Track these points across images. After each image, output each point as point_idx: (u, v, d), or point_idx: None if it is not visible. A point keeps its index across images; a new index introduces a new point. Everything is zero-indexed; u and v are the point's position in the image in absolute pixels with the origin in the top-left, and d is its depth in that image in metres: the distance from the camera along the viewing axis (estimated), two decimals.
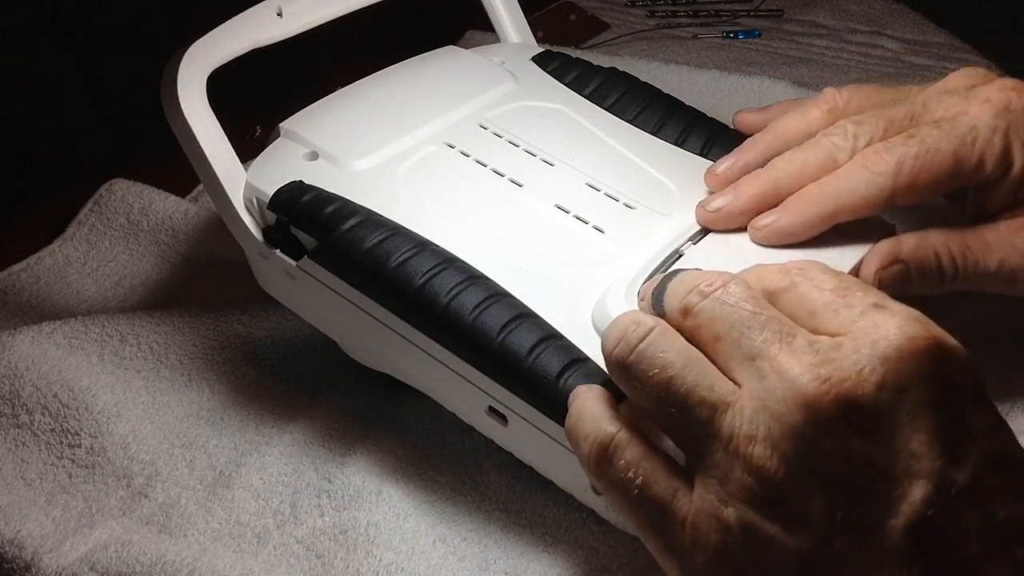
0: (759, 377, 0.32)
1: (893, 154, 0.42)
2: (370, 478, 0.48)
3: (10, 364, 0.53)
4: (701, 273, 0.36)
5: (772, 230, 0.44)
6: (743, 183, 0.46)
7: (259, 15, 0.52)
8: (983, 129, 0.43)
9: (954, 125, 0.43)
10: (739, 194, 0.45)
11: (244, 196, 0.49)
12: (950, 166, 0.42)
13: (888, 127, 0.44)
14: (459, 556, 0.44)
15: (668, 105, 0.54)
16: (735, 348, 0.33)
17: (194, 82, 0.48)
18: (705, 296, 0.35)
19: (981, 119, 0.43)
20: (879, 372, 0.31)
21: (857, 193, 0.43)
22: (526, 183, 0.49)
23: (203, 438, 0.51)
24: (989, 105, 0.44)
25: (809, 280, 0.35)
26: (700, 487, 0.33)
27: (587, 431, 0.36)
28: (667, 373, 0.34)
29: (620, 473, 0.35)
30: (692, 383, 0.34)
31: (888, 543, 0.30)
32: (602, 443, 0.36)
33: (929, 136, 0.43)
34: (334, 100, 0.54)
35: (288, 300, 0.51)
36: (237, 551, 0.46)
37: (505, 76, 0.56)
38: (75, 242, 0.67)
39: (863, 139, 0.44)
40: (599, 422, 0.36)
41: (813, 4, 0.99)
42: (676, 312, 0.36)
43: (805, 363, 0.32)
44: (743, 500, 0.32)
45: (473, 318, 0.41)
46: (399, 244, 0.44)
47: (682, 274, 0.37)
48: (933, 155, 0.42)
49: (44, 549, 0.46)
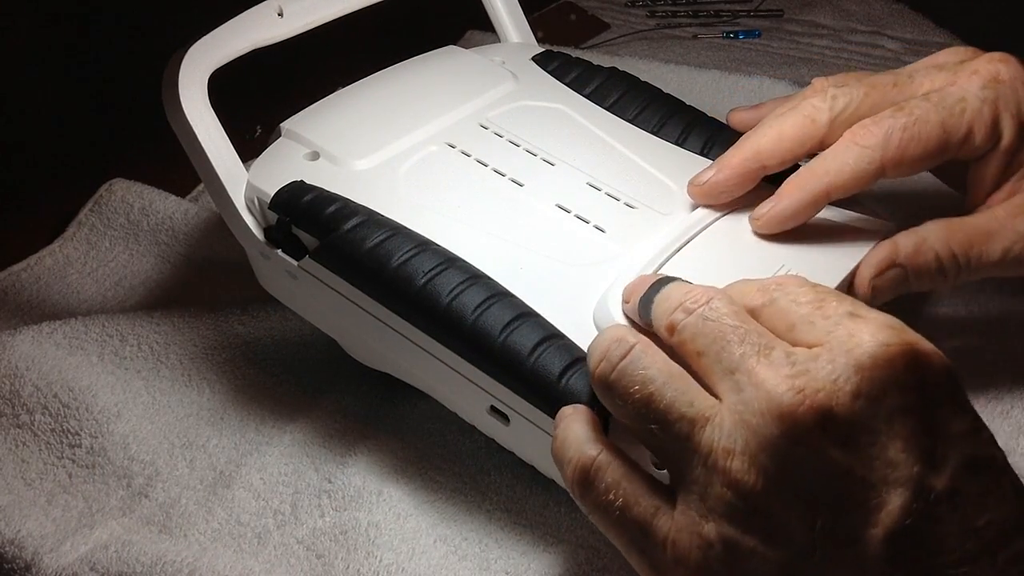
0: (738, 390, 0.33)
1: (881, 126, 0.43)
2: (370, 478, 0.48)
3: (10, 364, 0.53)
4: (687, 290, 0.36)
5: (770, 217, 0.44)
6: (726, 156, 0.46)
7: (260, 15, 0.52)
8: (972, 100, 0.43)
9: (942, 97, 0.43)
10: (723, 166, 0.46)
11: (245, 196, 0.49)
12: (939, 137, 0.43)
13: (870, 90, 0.45)
14: (460, 556, 0.44)
15: (668, 105, 0.54)
16: (716, 362, 0.34)
17: (195, 82, 0.48)
18: (690, 313, 0.35)
19: (969, 90, 0.43)
20: (853, 381, 0.31)
21: (847, 168, 0.43)
22: (527, 183, 0.49)
23: (203, 438, 0.51)
24: (978, 77, 0.44)
25: (787, 294, 0.35)
26: (682, 504, 0.33)
27: (570, 455, 0.36)
28: (647, 389, 0.34)
29: (601, 496, 0.35)
30: (671, 399, 0.34)
31: (868, 552, 0.30)
32: (584, 466, 0.36)
33: (917, 108, 0.43)
34: (335, 100, 0.54)
35: (289, 300, 0.51)
36: (237, 551, 0.46)
37: (506, 76, 0.56)
38: (75, 242, 0.67)
39: (842, 99, 0.45)
40: (581, 445, 0.36)
41: (813, 4, 0.99)
42: (663, 329, 0.36)
43: (781, 375, 0.32)
44: (722, 515, 0.32)
45: (475, 318, 0.41)
46: (400, 244, 0.44)
47: (668, 288, 0.38)
48: (921, 126, 0.42)
49: (44, 549, 0.46)
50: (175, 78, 0.48)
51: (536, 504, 0.46)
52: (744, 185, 0.46)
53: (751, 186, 0.46)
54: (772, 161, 0.46)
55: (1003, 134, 0.44)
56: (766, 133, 0.46)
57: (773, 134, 0.46)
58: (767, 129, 0.46)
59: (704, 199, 0.47)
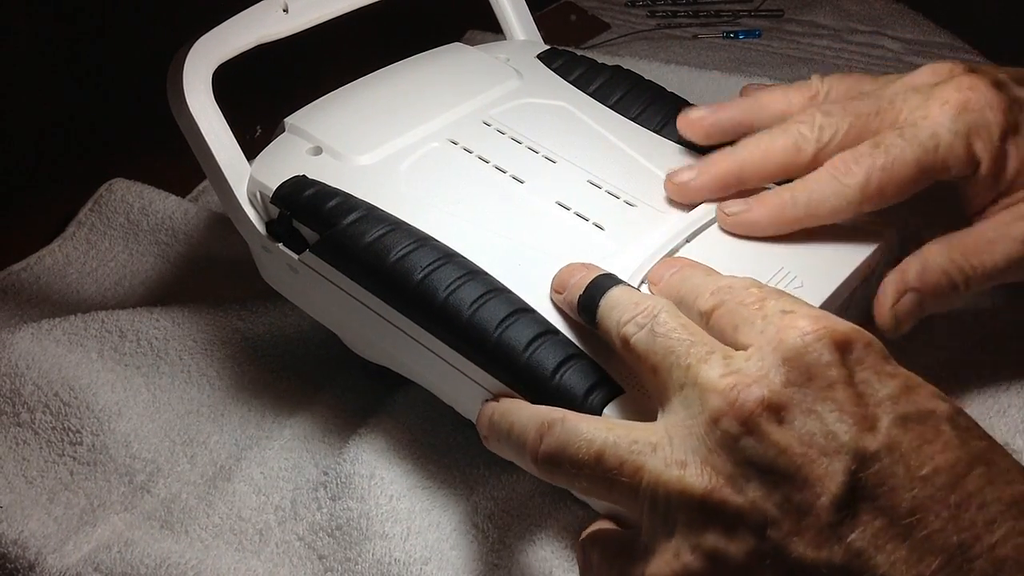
0: (687, 404, 0.35)
1: (861, 166, 0.44)
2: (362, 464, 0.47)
3: (10, 362, 0.53)
4: (636, 300, 0.38)
5: (739, 220, 0.46)
6: (709, 160, 0.47)
7: (265, 11, 0.52)
8: (944, 135, 0.44)
9: (916, 133, 0.44)
10: (703, 171, 0.47)
11: (248, 190, 0.49)
12: (914, 174, 0.44)
13: (854, 121, 0.46)
14: (451, 544, 0.45)
15: (671, 103, 0.54)
16: (668, 378, 0.36)
17: (200, 77, 0.49)
18: (641, 327, 0.37)
19: (942, 124, 0.44)
20: (782, 371, 0.33)
21: (827, 203, 0.44)
22: (528, 180, 0.49)
23: (204, 434, 0.51)
24: (948, 107, 0.44)
25: (734, 297, 0.37)
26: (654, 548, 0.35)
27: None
28: (594, 448, 0.36)
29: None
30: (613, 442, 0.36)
31: (823, 519, 0.32)
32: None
33: (893, 146, 0.44)
34: (338, 96, 0.54)
35: (290, 293, 0.51)
36: (239, 549, 0.46)
37: (510, 73, 0.56)
38: (75, 242, 0.67)
39: (828, 132, 0.46)
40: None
41: (813, 4, 0.99)
42: (616, 341, 0.38)
43: (717, 376, 0.34)
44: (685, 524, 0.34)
45: (471, 313, 0.42)
46: (399, 239, 0.44)
47: (615, 295, 0.39)
48: (899, 166, 0.44)
49: (48, 549, 0.46)
50: (180, 72, 0.48)
51: (522, 493, 0.46)
52: (718, 193, 0.47)
53: (725, 196, 0.47)
54: (753, 179, 0.47)
55: (980, 162, 0.44)
56: (753, 152, 0.47)
57: (760, 153, 0.46)
58: (754, 147, 0.47)
59: (677, 197, 0.48)
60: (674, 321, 0.37)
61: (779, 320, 0.35)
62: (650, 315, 0.37)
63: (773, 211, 0.45)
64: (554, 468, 0.37)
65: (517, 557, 0.43)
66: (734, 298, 0.37)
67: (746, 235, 0.46)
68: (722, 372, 0.34)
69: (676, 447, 0.34)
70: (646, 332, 0.37)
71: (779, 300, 0.36)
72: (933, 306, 0.45)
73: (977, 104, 0.44)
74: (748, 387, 0.33)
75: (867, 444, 0.32)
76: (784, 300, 0.36)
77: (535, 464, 0.38)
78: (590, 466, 0.36)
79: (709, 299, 0.38)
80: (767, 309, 0.35)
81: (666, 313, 0.37)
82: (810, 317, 0.34)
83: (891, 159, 0.44)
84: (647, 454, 0.35)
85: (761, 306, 0.36)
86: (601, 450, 0.36)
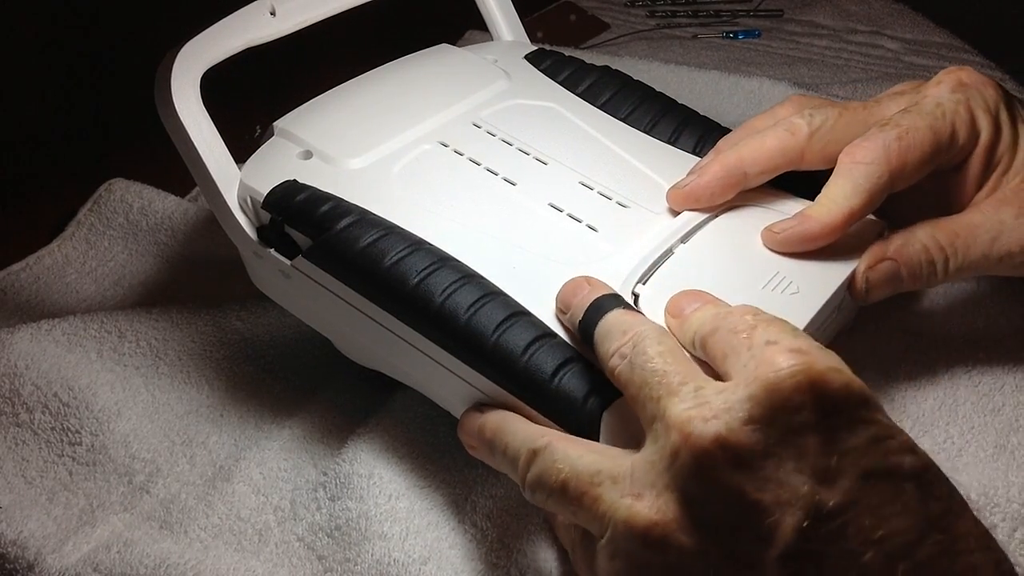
0: (655, 438, 0.34)
1: (874, 141, 0.43)
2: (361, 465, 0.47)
3: (10, 362, 0.53)
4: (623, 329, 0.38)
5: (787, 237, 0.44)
6: (706, 162, 0.47)
7: (252, 14, 0.52)
8: (947, 103, 0.45)
9: (920, 106, 0.45)
10: (704, 171, 0.46)
11: (238, 195, 0.49)
12: (932, 140, 0.44)
13: (843, 111, 0.46)
14: (449, 543, 0.45)
15: (661, 103, 0.54)
16: (643, 411, 0.35)
17: (188, 82, 0.48)
18: (624, 359, 0.36)
19: (942, 95, 0.45)
20: (746, 408, 0.32)
21: (862, 187, 0.43)
22: (519, 182, 0.49)
23: (203, 435, 0.52)
24: (944, 85, 0.46)
25: (727, 324, 0.36)
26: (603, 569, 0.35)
27: None
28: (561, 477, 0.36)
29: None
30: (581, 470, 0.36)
31: (767, 575, 0.30)
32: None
33: (903, 119, 0.44)
34: (328, 99, 0.54)
35: (282, 299, 0.51)
36: (239, 550, 0.46)
37: (498, 74, 0.56)
38: (74, 242, 0.68)
39: (818, 117, 0.46)
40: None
41: (813, 4, 0.99)
42: (606, 371, 0.38)
43: (682, 409, 0.33)
44: (624, 557, 0.33)
45: (468, 317, 0.41)
46: (393, 243, 0.44)
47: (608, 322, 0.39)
48: (914, 133, 0.44)
49: (47, 549, 0.46)
50: (167, 77, 0.48)
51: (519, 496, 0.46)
52: (724, 193, 0.46)
53: (730, 195, 0.47)
54: (754, 169, 0.46)
55: (981, 131, 0.45)
56: (747, 144, 0.46)
57: (755, 144, 0.46)
58: (748, 140, 0.47)
59: (684, 204, 0.47)
60: (653, 350, 0.36)
61: (761, 352, 0.33)
62: (632, 345, 0.36)
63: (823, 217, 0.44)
64: (535, 495, 0.38)
65: (516, 557, 0.44)
66: (727, 325, 0.36)
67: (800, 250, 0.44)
68: (687, 405, 0.33)
69: (636, 480, 0.34)
70: (627, 364, 0.36)
71: (768, 329, 0.34)
72: (910, 281, 0.44)
73: (970, 81, 0.46)
74: (706, 422, 0.32)
75: (825, 499, 0.30)
76: (772, 329, 0.34)
77: (525, 491, 0.38)
78: (558, 493, 0.36)
79: (708, 322, 0.37)
80: (754, 339, 0.34)
81: (648, 341, 0.36)
82: (790, 352, 0.33)
83: (904, 128, 0.44)
84: (606, 486, 0.34)
85: (749, 335, 0.34)
86: (566, 480, 0.35)
